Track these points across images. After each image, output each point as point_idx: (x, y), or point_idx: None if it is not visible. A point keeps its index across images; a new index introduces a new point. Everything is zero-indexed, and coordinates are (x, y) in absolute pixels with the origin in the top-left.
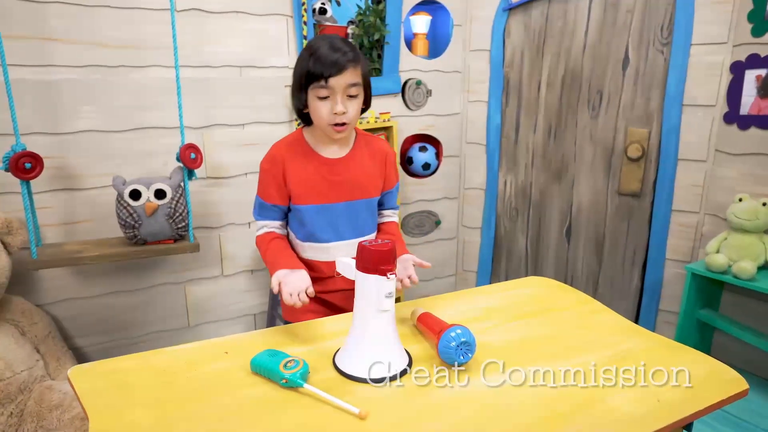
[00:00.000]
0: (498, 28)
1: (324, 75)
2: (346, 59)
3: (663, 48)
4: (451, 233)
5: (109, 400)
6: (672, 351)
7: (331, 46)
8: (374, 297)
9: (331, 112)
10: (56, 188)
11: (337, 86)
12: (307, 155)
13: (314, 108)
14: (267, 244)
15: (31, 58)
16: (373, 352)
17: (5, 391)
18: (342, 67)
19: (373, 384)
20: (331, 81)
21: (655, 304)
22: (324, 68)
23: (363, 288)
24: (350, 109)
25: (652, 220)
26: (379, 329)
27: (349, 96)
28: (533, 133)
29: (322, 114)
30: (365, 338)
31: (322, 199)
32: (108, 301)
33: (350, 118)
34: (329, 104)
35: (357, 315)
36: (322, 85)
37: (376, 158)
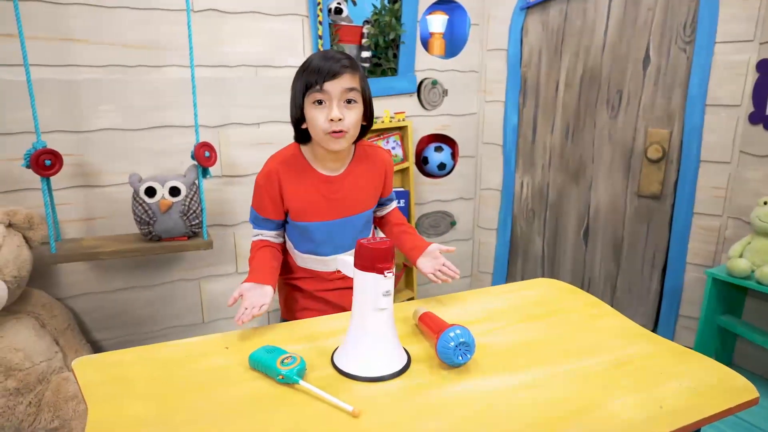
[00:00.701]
0: (515, 27)
1: (319, 80)
2: (340, 65)
3: (686, 46)
4: (466, 234)
5: (108, 392)
6: (679, 356)
7: (324, 55)
8: (371, 295)
9: (327, 118)
10: (76, 185)
11: (333, 91)
12: (304, 172)
13: (310, 117)
14: (255, 252)
15: (53, 58)
16: (370, 351)
17: (24, 381)
18: (337, 71)
19: (369, 382)
20: (326, 85)
21: (675, 310)
22: (319, 73)
23: (361, 286)
24: (347, 116)
25: (673, 223)
26: (377, 327)
27: (346, 102)
28: (551, 133)
29: (318, 121)
30: (363, 336)
31: (322, 217)
32: (125, 296)
33: (348, 126)
34: (325, 111)
35: (355, 313)
36: (317, 90)
37: (377, 170)
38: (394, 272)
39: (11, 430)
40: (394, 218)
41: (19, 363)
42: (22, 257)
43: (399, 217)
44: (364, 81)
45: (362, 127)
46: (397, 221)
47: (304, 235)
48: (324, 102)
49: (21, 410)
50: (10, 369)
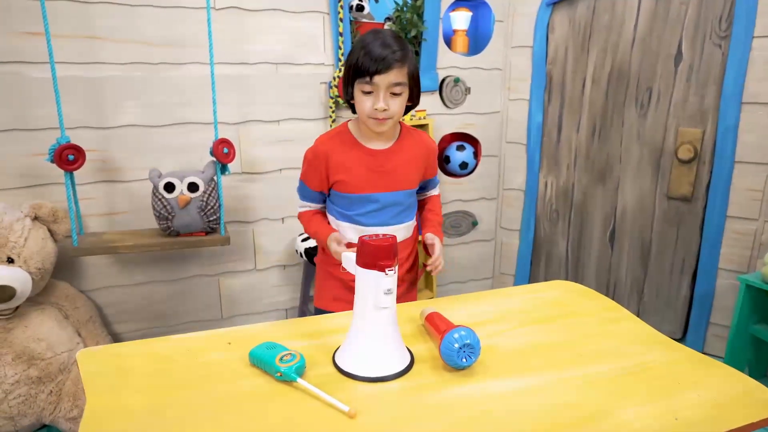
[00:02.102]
0: (541, 23)
1: (369, 72)
2: (393, 58)
3: (721, 41)
4: (488, 235)
5: (107, 383)
6: (700, 365)
7: (382, 42)
8: (373, 293)
9: (372, 107)
10: (99, 180)
11: (381, 84)
12: (352, 146)
13: (358, 101)
14: (310, 218)
15: (78, 56)
16: (371, 350)
17: (46, 370)
18: (387, 66)
19: (369, 382)
20: (375, 78)
21: (706, 316)
22: (370, 65)
23: (362, 284)
24: (392, 106)
25: (704, 227)
26: (378, 327)
27: (392, 94)
28: (576, 132)
29: (364, 107)
30: (364, 335)
31: (367, 189)
32: (146, 289)
33: (391, 114)
34: (372, 99)
35: (356, 311)
36: (367, 81)
37: (419, 150)
38: (396, 270)
39: (33, 418)
40: (430, 203)
41: (41, 352)
42: (46, 250)
43: (435, 204)
44: (412, 66)
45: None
46: (431, 207)
47: (349, 206)
48: (372, 92)
49: (42, 398)
50: (33, 358)
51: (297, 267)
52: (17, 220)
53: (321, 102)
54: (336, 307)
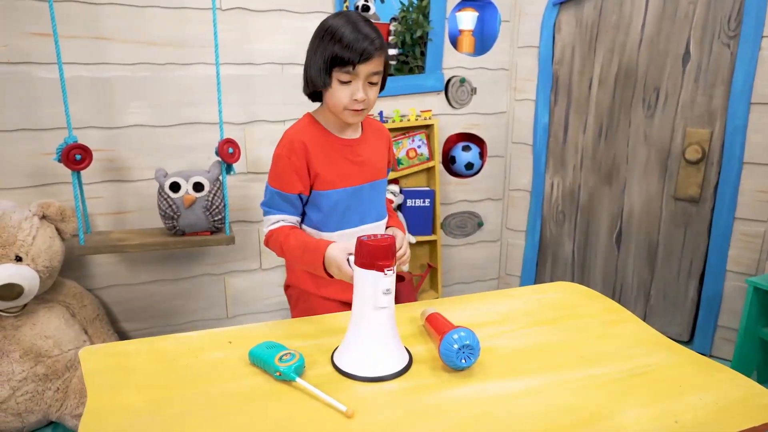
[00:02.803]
0: (548, 23)
1: (352, 61)
2: (374, 47)
3: (729, 41)
4: (494, 236)
5: (108, 381)
6: (703, 368)
7: (357, 30)
8: (371, 293)
9: (351, 97)
10: (106, 179)
11: (362, 73)
12: (325, 138)
13: (334, 90)
14: (287, 234)
15: (85, 56)
16: (369, 350)
17: (53, 367)
18: (370, 55)
19: (367, 382)
20: (358, 68)
21: (713, 320)
22: (353, 55)
23: (360, 284)
24: (370, 95)
25: (712, 228)
26: (377, 326)
27: (370, 83)
28: (583, 133)
29: (341, 98)
30: (362, 335)
31: (351, 182)
32: (152, 288)
33: (368, 104)
34: (350, 89)
35: (355, 311)
36: (348, 71)
37: (381, 139)
38: (394, 270)
39: (40, 414)
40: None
41: (48, 350)
42: (54, 248)
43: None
44: (386, 55)
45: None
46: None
47: (333, 208)
48: (350, 81)
49: (49, 395)
50: (40, 355)
51: None
52: (25, 219)
53: None
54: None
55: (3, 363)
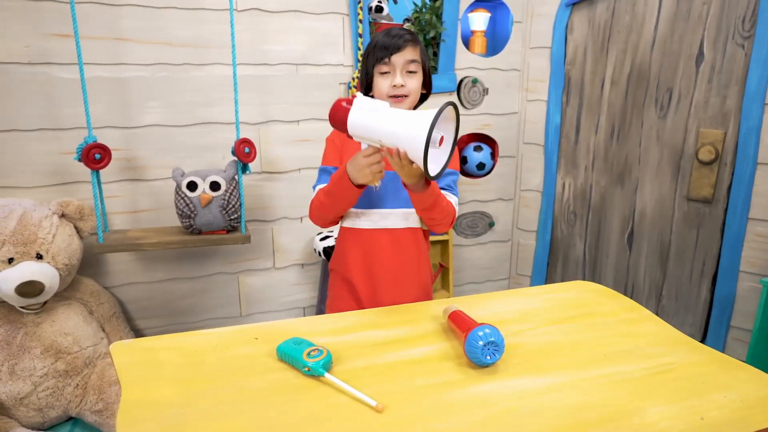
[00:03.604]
0: (560, 24)
1: (387, 51)
2: (404, 39)
3: (744, 42)
4: (505, 236)
5: (141, 375)
6: (724, 367)
7: (388, 32)
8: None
9: (390, 85)
10: (124, 178)
11: (398, 62)
12: None
13: (376, 84)
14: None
15: (104, 57)
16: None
17: (73, 363)
18: (401, 45)
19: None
20: (392, 58)
21: (726, 320)
22: (385, 47)
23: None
24: (408, 83)
25: (725, 229)
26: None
27: (408, 72)
28: (595, 133)
29: (382, 88)
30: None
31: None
32: (168, 286)
33: (408, 92)
34: (389, 79)
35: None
36: (385, 62)
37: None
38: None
39: (60, 410)
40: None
41: (68, 346)
42: (73, 246)
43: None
44: (424, 54)
45: (423, 96)
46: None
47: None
48: (389, 72)
49: (69, 392)
50: (60, 352)
51: (315, 266)
52: (45, 217)
53: None
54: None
55: (25, 359)
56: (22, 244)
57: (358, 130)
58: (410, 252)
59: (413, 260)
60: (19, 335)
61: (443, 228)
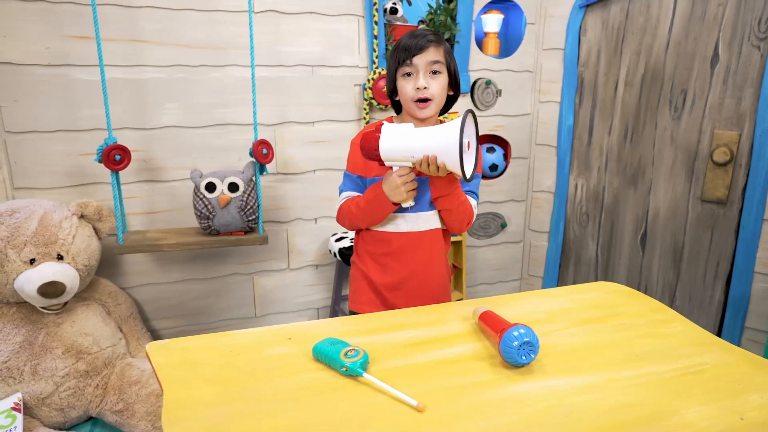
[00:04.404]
0: (574, 25)
1: (409, 53)
2: (426, 40)
3: (760, 43)
4: (517, 237)
5: (180, 375)
6: (758, 367)
7: (412, 34)
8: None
9: (414, 87)
10: (141, 180)
11: (420, 64)
12: None
13: (400, 87)
14: (353, 199)
15: (123, 58)
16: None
17: (93, 364)
18: (423, 46)
19: None
20: (414, 59)
21: (741, 321)
22: (407, 50)
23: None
24: (432, 85)
25: (740, 230)
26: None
27: (432, 73)
28: (608, 135)
29: (406, 91)
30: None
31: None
32: (183, 287)
33: (433, 94)
34: (413, 81)
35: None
36: (407, 64)
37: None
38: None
39: (81, 410)
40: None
41: (88, 347)
42: (92, 247)
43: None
44: (449, 54)
45: (451, 98)
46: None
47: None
48: (412, 74)
49: (89, 392)
50: (81, 352)
51: (330, 267)
52: (65, 218)
53: (355, 104)
54: (369, 311)
55: (47, 359)
56: (43, 245)
57: (390, 154)
58: (431, 252)
59: (433, 259)
60: (41, 336)
61: (461, 228)
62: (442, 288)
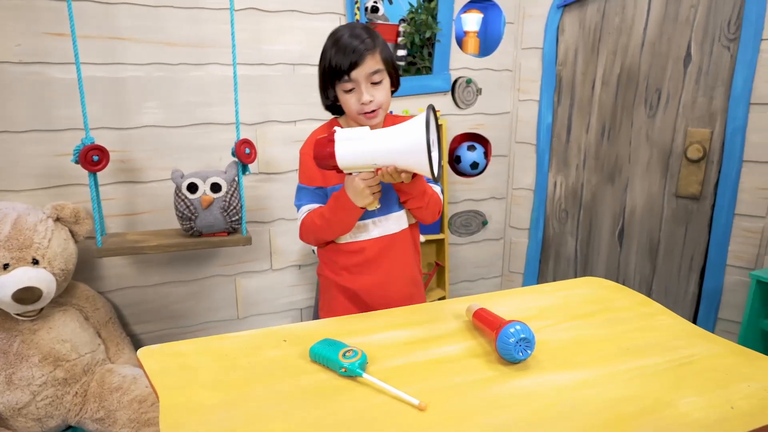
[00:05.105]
0: (551, 25)
1: (344, 68)
2: (363, 48)
3: (729, 44)
4: (497, 234)
5: (175, 380)
6: (742, 357)
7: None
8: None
9: (358, 102)
10: (120, 180)
11: (359, 77)
12: None
13: (343, 101)
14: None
15: (100, 56)
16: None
17: (71, 371)
18: (360, 57)
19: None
20: (353, 74)
21: (714, 313)
22: (343, 61)
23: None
24: (377, 96)
25: (713, 225)
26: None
27: (373, 83)
28: (586, 133)
29: (351, 106)
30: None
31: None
32: (163, 290)
33: (378, 104)
34: (355, 95)
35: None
36: (345, 80)
37: None
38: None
39: (59, 419)
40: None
41: (66, 354)
42: (69, 251)
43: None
44: (386, 52)
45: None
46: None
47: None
48: (354, 88)
49: (68, 400)
50: (59, 359)
51: (312, 267)
52: (40, 221)
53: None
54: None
55: (23, 368)
56: (17, 249)
57: (349, 162)
58: (404, 250)
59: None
60: (16, 343)
61: (433, 219)
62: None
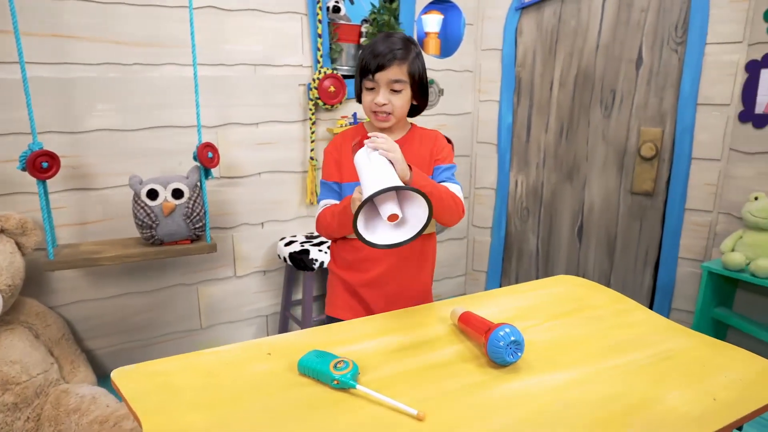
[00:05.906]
0: (510, 27)
1: (370, 69)
2: (392, 56)
3: (677, 47)
4: (461, 233)
5: (157, 403)
6: (717, 350)
7: (374, 49)
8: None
9: (372, 101)
10: (70, 188)
11: (381, 80)
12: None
13: (363, 96)
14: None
15: (46, 55)
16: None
17: (22, 395)
18: (386, 63)
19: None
20: (376, 76)
21: (668, 303)
22: (371, 62)
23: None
24: (394, 101)
25: (665, 220)
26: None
27: (392, 90)
28: (545, 132)
29: (366, 103)
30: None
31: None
32: (120, 302)
33: (391, 110)
34: (373, 95)
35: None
36: (369, 78)
37: (424, 144)
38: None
39: None
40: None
41: (15, 376)
42: (15, 265)
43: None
44: (414, 66)
45: (416, 107)
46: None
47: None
48: (374, 88)
49: (19, 426)
50: (7, 383)
51: (278, 272)
52: None
53: (300, 104)
54: (346, 316)
55: None
56: None
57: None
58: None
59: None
60: None
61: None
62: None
